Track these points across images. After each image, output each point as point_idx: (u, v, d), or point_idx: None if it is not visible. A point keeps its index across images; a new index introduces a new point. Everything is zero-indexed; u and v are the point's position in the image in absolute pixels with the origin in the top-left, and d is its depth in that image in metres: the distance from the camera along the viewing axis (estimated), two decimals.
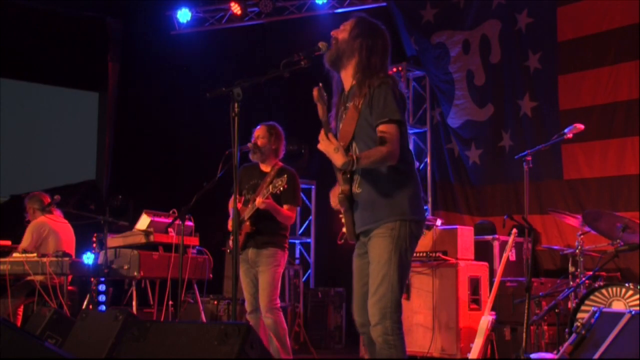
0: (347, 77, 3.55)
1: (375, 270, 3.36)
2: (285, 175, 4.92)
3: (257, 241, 5.11)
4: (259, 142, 5.20)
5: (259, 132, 5.25)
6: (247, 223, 5.07)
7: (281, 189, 4.88)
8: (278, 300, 5.08)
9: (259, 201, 4.96)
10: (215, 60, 9.54)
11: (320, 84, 3.36)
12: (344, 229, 3.51)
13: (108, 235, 6.06)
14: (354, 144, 3.44)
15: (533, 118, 7.69)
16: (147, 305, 6.65)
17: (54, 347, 3.11)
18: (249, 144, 5.19)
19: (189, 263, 6.07)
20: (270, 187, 4.91)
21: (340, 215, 3.52)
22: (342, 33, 3.55)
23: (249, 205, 5.10)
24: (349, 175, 3.41)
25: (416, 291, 6.43)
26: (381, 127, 3.33)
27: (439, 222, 6.67)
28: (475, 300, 6.35)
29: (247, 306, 5.17)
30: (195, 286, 6.54)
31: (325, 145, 3.30)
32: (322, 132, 3.30)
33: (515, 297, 5.92)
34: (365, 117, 3.40)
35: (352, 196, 3.43)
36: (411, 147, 7.09)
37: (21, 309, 6.40)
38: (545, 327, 5.86)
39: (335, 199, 3.50)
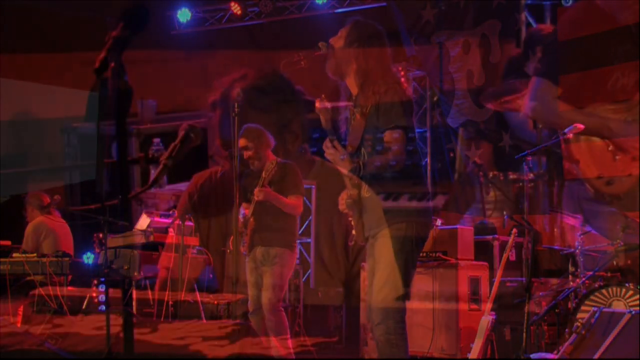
0: (352, 84, 3.57)
1: (379, 270, 3.38)
2: (275, 161, 4.93)
3: (264, 238, 5.06)
4: (247, 155, 5.06)
5: (242, 144, 5.05)
6: (251, 219, 5.04)
7: (273, 172, 4.86)
8: (281, 302, 5.06)
9: (256, 191, 4.94)
10: (215, 60, 9.53)
11: (323, 95, 3.39)
12: (354, 232, 3.54)
13: (108, 235, 6.05)
14: (362, 149, 3.46)
15: (533, 118, 7.69)
16: (147, 305, 6.64)
17: (54, 347, 3.11)
18: (245, 155, 5.07)
19: (189, 263, 6.06)
20: (263, 173, 4.90)
21: (350, 218, 3.54)
22: (338, 41, 3.56)
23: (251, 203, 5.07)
24: (356, 181, 3.42)
25: (416, 291, 6.41)
26: (387, 134, 3.36)
27: (439, 222, 6.66)
28: (475, 300, 6.34)
29: (250, 306, 5.14)
30: (195, 286, 6.53)
31: (332, 153, 3.31)
32: (328, 140, 3.32)
33: (515, 297, 5.91)
34: (372, 122, 3.42)
35: (361, 200, 3.45)
36: None
37: (21, 309, 6.39)
38: (545, 327, 5.85)
39: (343, 203, 3.51)
